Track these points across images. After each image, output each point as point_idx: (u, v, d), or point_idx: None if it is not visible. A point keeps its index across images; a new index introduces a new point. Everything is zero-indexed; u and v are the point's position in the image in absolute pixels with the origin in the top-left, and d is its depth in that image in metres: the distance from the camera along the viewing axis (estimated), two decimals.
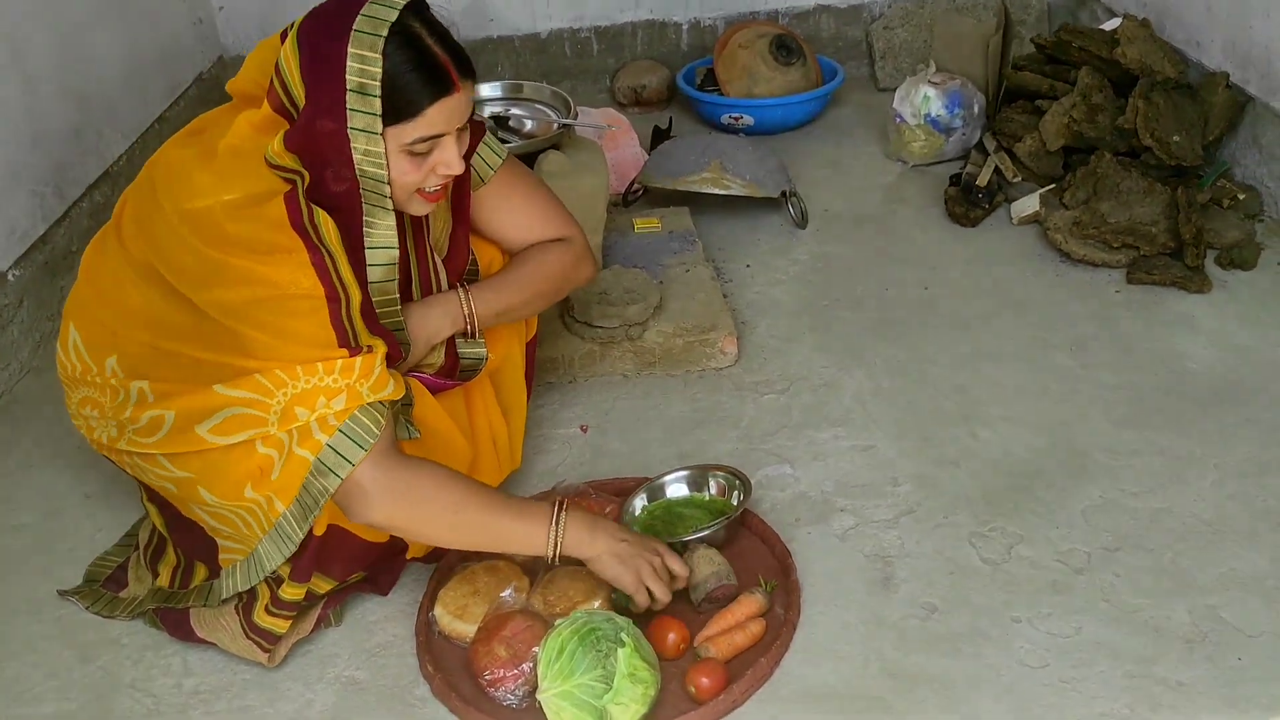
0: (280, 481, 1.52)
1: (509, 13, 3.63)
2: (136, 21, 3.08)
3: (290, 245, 1.45)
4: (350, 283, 1.49)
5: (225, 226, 1.45)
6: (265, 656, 1.63)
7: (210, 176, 1.49)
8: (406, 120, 1.48)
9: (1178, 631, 1.62)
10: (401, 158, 1.51)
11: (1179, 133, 2.59)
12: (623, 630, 1.51)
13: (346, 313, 1.48)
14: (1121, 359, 2.21)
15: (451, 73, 1.48)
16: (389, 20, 1.45)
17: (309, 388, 1.48)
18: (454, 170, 1.55)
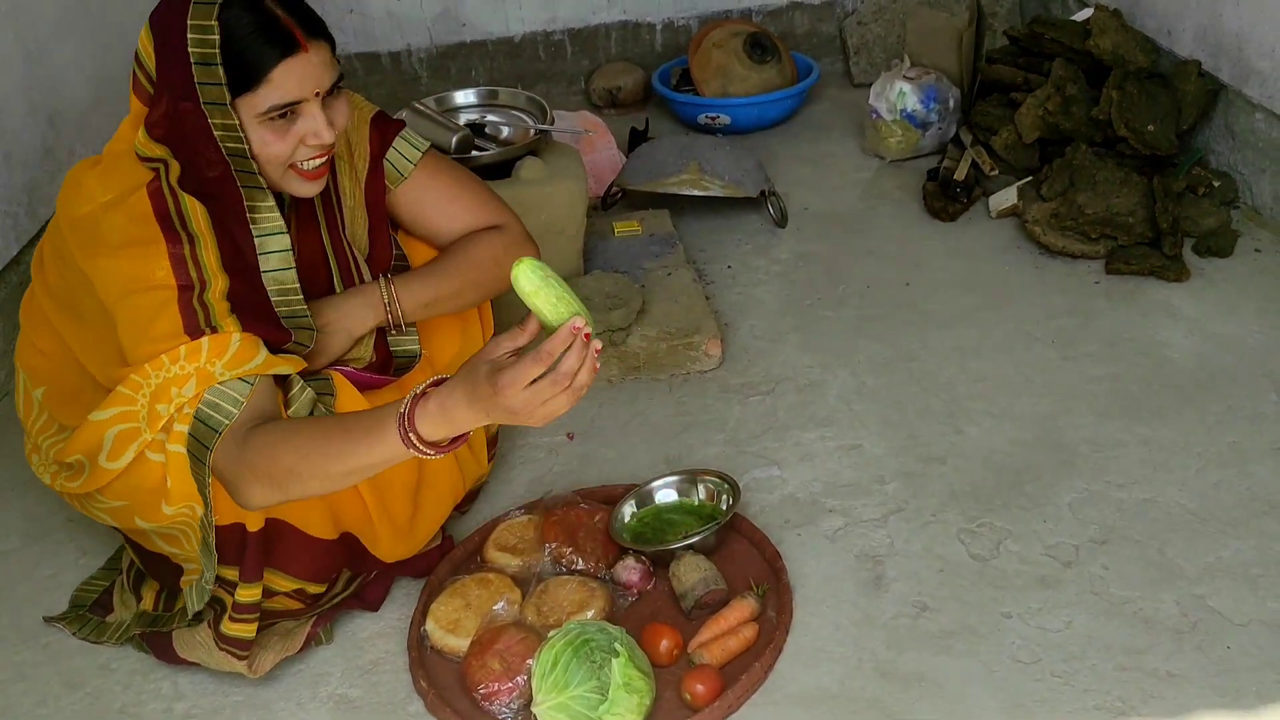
0: (182, 486, 1.48)
1: (481, 17, 3.62)
2: (104, 35, 3.05)
3: (150, 236, 1.42)
4: (213, 269, 1.44)
5: (100, 228, 1.45)
6: (244, 665, 1.60)
7: (93, 181, 1.49)
8: (254, 88, 1.43)
9: (1167, 622, 1.63)
10: (261, 129, 1.46)
11: (1153, 122, 2.60)
12: (616, 640, 1.51)
13: (199, 299, 1.43)
14: (1103, 350, 2.22)
15: (295, 32, 1.43)
16: None
17: (159, 381, 1.43)
18: (324, 139, 1.49)
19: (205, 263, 1.44)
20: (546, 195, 2.29)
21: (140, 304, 1.43)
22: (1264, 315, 2.28)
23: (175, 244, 1.43)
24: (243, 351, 1.44)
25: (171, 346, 1.43)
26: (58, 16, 2.81)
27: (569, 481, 2.00)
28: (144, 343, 1.44)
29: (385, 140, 1.73)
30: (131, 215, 1.44)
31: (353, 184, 1.73)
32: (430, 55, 3.65)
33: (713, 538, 1.75)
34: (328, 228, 1.68)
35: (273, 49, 1.43)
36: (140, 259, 1.43)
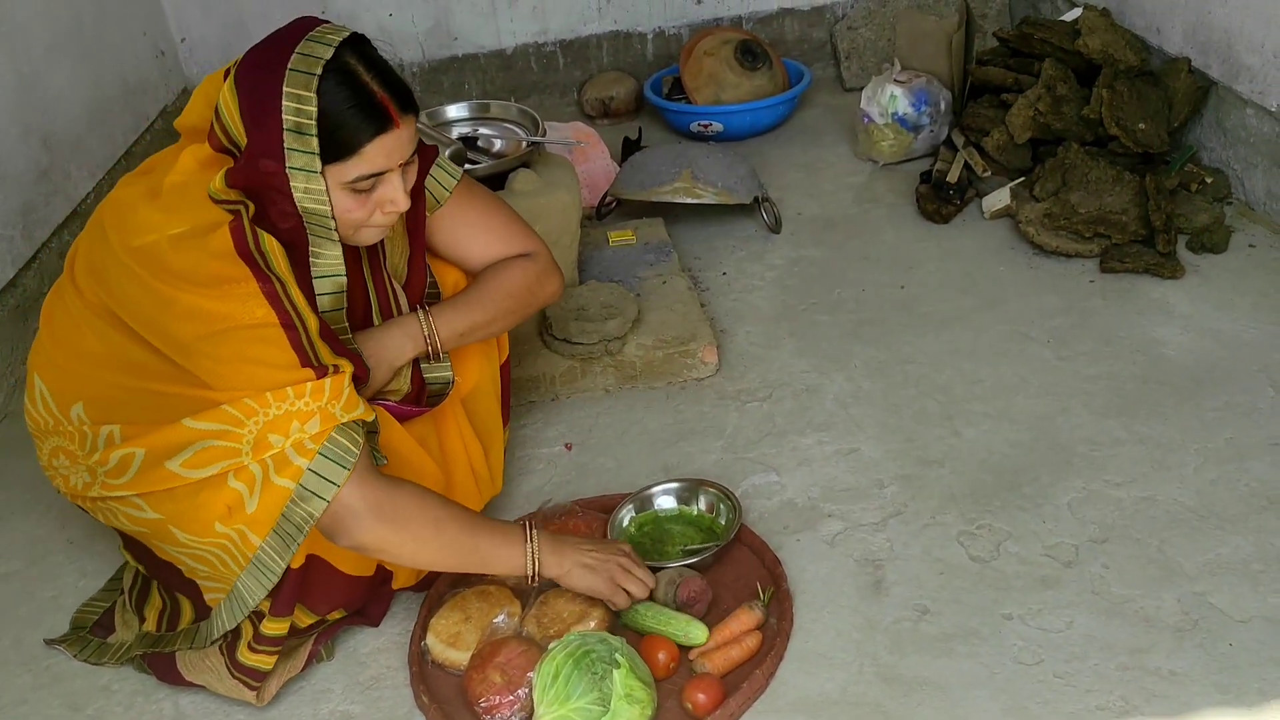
0: (256, 514, 1.49)
1: (472, 30, 3.63)
2: (98, 57, 3.06)
3: (237, 275, 1.43)
4: (304, 308, 1.48)
5: (170, 260, 1.44)
6: (253, 695, 1.62)
7: (155, 212, 1.48)
8: (345, 159, 1.46)
9: (1168, 621, 1.63)
10: (344, 194, 1.50)
11: (1144, 120, 2.60)
12: (617, 651, 1.51)
13: (306, 338, 1.47)
14: (1099, 349, 2.23)
15: (390, 109, 1.46)
16: (324, 58, 1.43)
17: (280, 414, 1.45)
18: (399, 207, 1.53)
19: (297, 301, 1.47)
20: (540, 207, 2.29)
21: (242, 338, 1.44)
22: (1259, 310, 2.29)
23: (266, 281, 1.44)
24: (354, 398, 1.50)
25: (293, 380, 1.45)
26: (51, 39, 2.83)
27: (568, 492, 2.00)
28: (254, 369, 1.45)
29: (424, 168, 1.73)
30: (212, 252, 1.43)
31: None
32: (423, 69, 3.66)
33: (710, 559, 1.75)
34: (369, 258, 1.69)
35: (369, 125, 1.45)
36: (232, 297, 1.43)
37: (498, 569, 1.62)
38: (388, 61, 1.52)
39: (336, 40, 1.46)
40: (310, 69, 1.43)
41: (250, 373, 1.45)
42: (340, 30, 1.49)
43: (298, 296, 1.47)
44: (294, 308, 1.46)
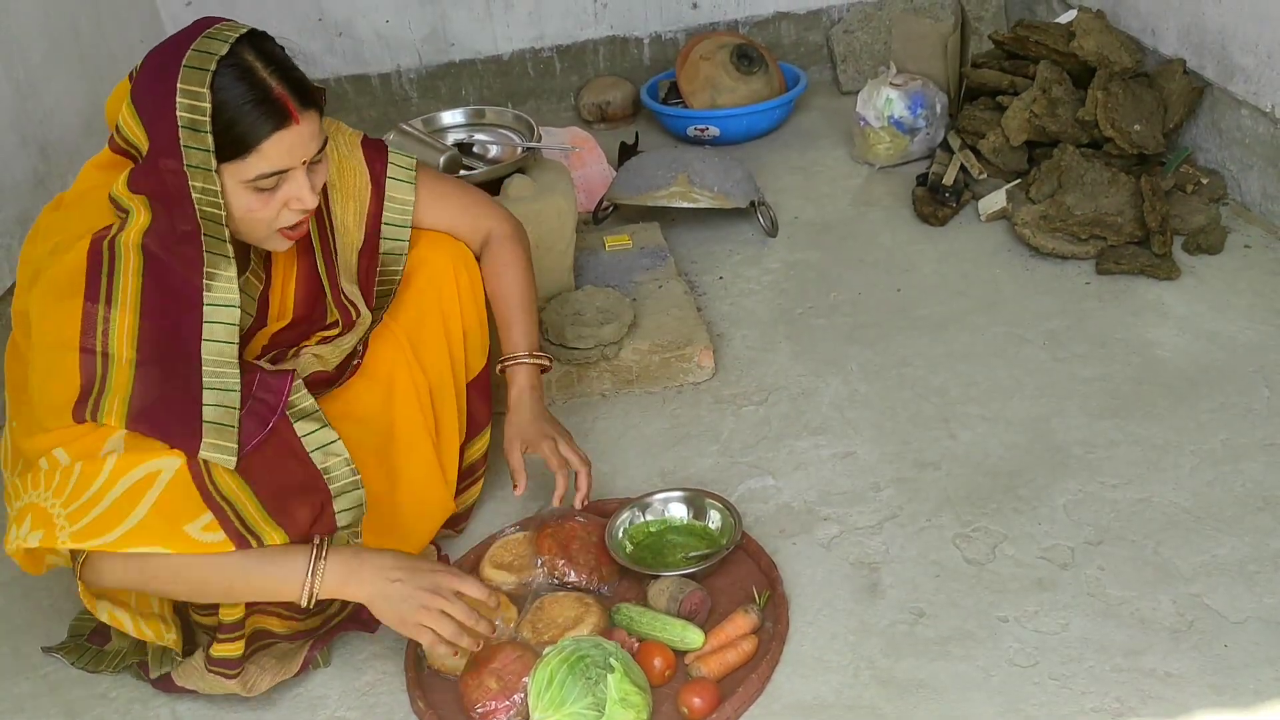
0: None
1: (469, 36, 3.64)
2: (94, 66, 3.07)
3: (74, 289, 1.42)
4: (119, 338, 1.41)
5: (43, 267, 1.45)
6: (236, 684, 1.60)
7: (53, 222, 1.50)
8: (243, 156, 1.44)
9: (1164, 622, 1.63)
10: (246, 193, 1.48)
11: (1139, 121, 2.61)
12: (612, 655, 1.51)
13: (102, 369, 1.40)
14: (1095, 351, 2.23)
15: (289, 104, 1.44)
16: (218, 54, 1.42)
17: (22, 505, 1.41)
18: (306, 204, 1.51)
19: (114, 329, 1.41)
20: (535, 212, 2.29)
21: (48, 360, 1.43)
22: (1255, 311, 2.29)
23: (93, 301, 1.42)
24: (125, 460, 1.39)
25: (62, 425, 1.40)
26: (47, 49, 2.83)
27: (565, 498, 2.00)
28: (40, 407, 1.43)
29: (381, 167, 1.75)
30: (66, 264, 1.44)
31: (344, 209, 1.74)
32: (420, 76, 3.67)
33: (710, 567, 1.75)
34: (323, 257, 1.69)
35: (265, 121, 1.44)
36: (58, 310, 1.42)
37: (273, 597, 1.51)
38: (290, 58, 1.50)
39: (233, 36, 1.44)
40: (204, 65, 1.41)
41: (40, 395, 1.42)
42: (238, 27, 1.47)
43: (121, 322, 1.41)
44: (105, 336, 1.41)
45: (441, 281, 1.82)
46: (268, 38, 1.50)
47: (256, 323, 1.67)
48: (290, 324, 1.69)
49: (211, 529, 1.41)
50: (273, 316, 1.69)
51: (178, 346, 1.46)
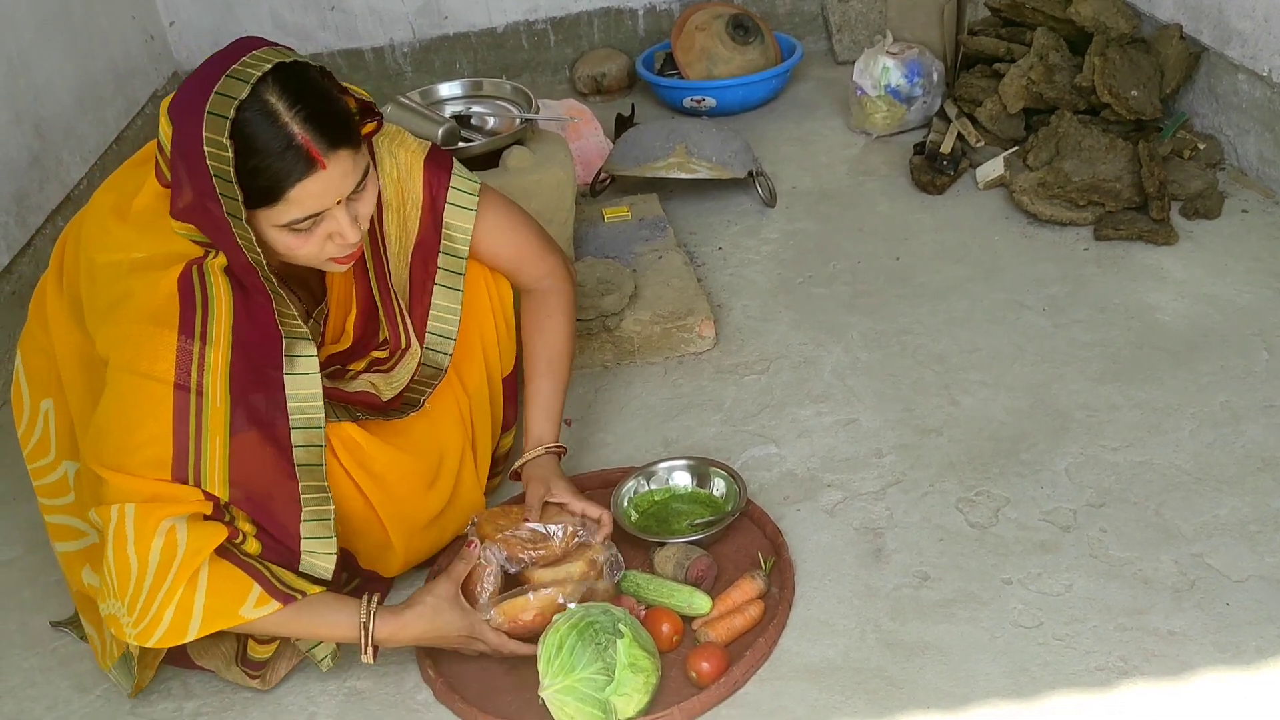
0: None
1: (463, 9, 3.61)
2: (87, 42, 3.05)
3: (167, 320, 1.40)
4: (214, 372, 1.42)
5: (126, 283, 1.43)
6: (258, 684, 1.64)
7: (126, 232, 1.47)
8: (272, 204, 1.40)
9: (1166, 581, 1.64)
10: (284, 234, 1.44)
11: (1136, 87, 2.61)
12: (620, 621, 1.52)
13: (196, 410, 1.40)
14: (1094, 316, 2.23)
15: (312, 151, 1.38)
16: (239, 98, 1.35)
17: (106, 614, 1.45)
18: (349, 239, 1.47)
19: (209, 366, 1.41)
20: (534, 184, 2.29)
21: (133, 385, 1.41)
22: (1252, 275, 2.29)
23: (188, 337, 1.40)
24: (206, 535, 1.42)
25: (157, 477, 1.40)
26: (39, 25, 2.81)
27: (568, 467, 2.00)
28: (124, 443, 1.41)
29: (442, 191, 1.68)
30: (158, 290, 1.41)
31: (399, 232, 1.69)
32: (413, 49, 3.65)
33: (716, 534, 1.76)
34: (377, 278, 1.67)
35: (290, 171, 1.38)
36: (148, 340, 1.41)
37: (339, 638, 1.55)
38: (326, 88, 1.43)
39: (256, 75, 1.36)
40: (224, 111, 1.34)
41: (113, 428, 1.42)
42: (267, 59, 1.39)
43: (215, 363, 1.42)
44: (200, 371, 1.41)
45: (475, 299, 1.78)
46: (303, 68, 1.42)
47: (317, 344, 1.65)
48: (349, 347, 1.69)
49: (263, 602, 1.45)
50: (330, 338, 1.68)
51: (265, 379, 1.47)
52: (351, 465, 1.64)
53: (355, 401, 1.67)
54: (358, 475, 1.65)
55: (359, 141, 1.46)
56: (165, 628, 1.42)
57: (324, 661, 1.60)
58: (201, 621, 1.43)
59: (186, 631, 1.43)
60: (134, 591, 1.41)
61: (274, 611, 1.45)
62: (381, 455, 1.67)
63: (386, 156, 1.66)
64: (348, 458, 1.64)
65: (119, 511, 1.40)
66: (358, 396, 1.66)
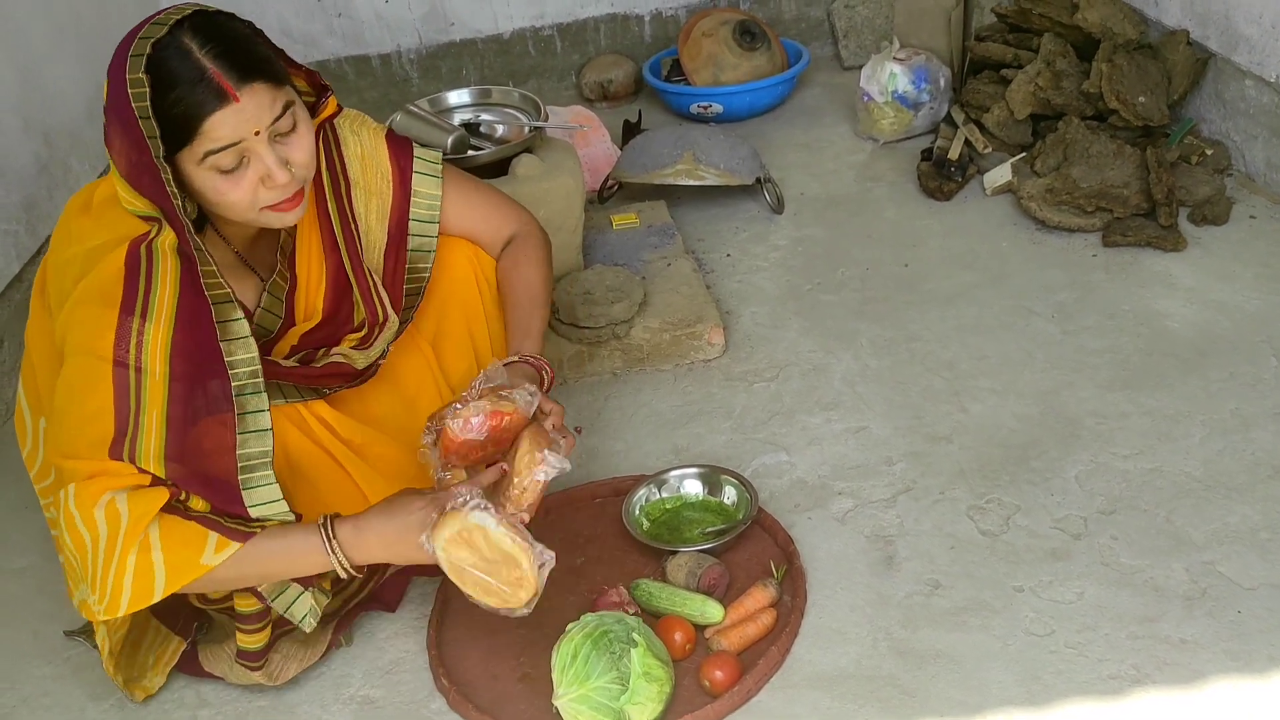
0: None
1: (469, 16, 3.62)
2: (95, 51, 3.05)
3: (111, 299, 1.42)
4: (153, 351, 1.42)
5: (80, 271, 1.45)
6: (260, 675, 1.63)
7: (84, 224, 1.49)
8: (189, 141, 1.41)
9: (1177, 589, 1.64)
10: (213, 180, 1.45)
11: (1144, 93, 2.61)
12: (633, 630, 1.53)
13: (135, 385, 1.42)
14: (1103, 322, 2.24)
15: (224, 83, 1.39)
16: (155, 38, 1.39)
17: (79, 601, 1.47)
18: (277, 179, 1.46)
19: (148, 342, 1.42)
20: (544, 192, 2.30)
21: (78, 365, 1.43)
22: (1261, 281, 2.30)
23: (128, 314, 1.42)
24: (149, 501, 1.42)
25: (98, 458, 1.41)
26: (50, 33, 2.82)
27: (579, 475, 2.01)
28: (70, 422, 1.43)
29: (406, 162, 1.73)
30: (103, 273, 1.43)
31: (371, 205, 1.72)
32: (420, 55, 3.65)
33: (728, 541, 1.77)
34: (349, 254, 1.68)
35: (202, 103, 1.39)
36: (95, 319, 1.42)
37: (313, 566, 1.51)
38: (242, 32, 1.46)
39: (174, 19, 1.41)
40: (142, 50, 1.39)
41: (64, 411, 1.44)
42: (185, 8, 1.44)
43: (155, 336, 1.43)
44: (139, 349, 1.42)
45: (464, 287, 1.80)
46: (218, 14, 1.46)
47: (285, 323, 1.66)
48: (319, 324, 1.68)
49: (223, 546, 1.43)
50: (300, 316, 1.68)
51: (208, 349, 1.47)
52: (329, 442, 1.65)
53: (325, 375, 1.66)
54: (336, 450, 1.65)
55: (279, 80, 1.47)
56: (129, 594, 1.41)
57: (305, 620, 1.56)
58: (165, 579, 1.41)
59: (153, 592, 1.41)
60: (91, 567, 1.42)
61: (236, 552, 1.43)
62: (357, 428, 1.68)
63: (350, 136, 1.72)
64: (324, 435, 1.65)
65: (62, 493, 1.42)
66: (327, 369, 1.66)
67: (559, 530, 1.87)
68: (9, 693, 1.75)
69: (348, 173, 1.71)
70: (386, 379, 1.77)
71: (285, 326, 1.66)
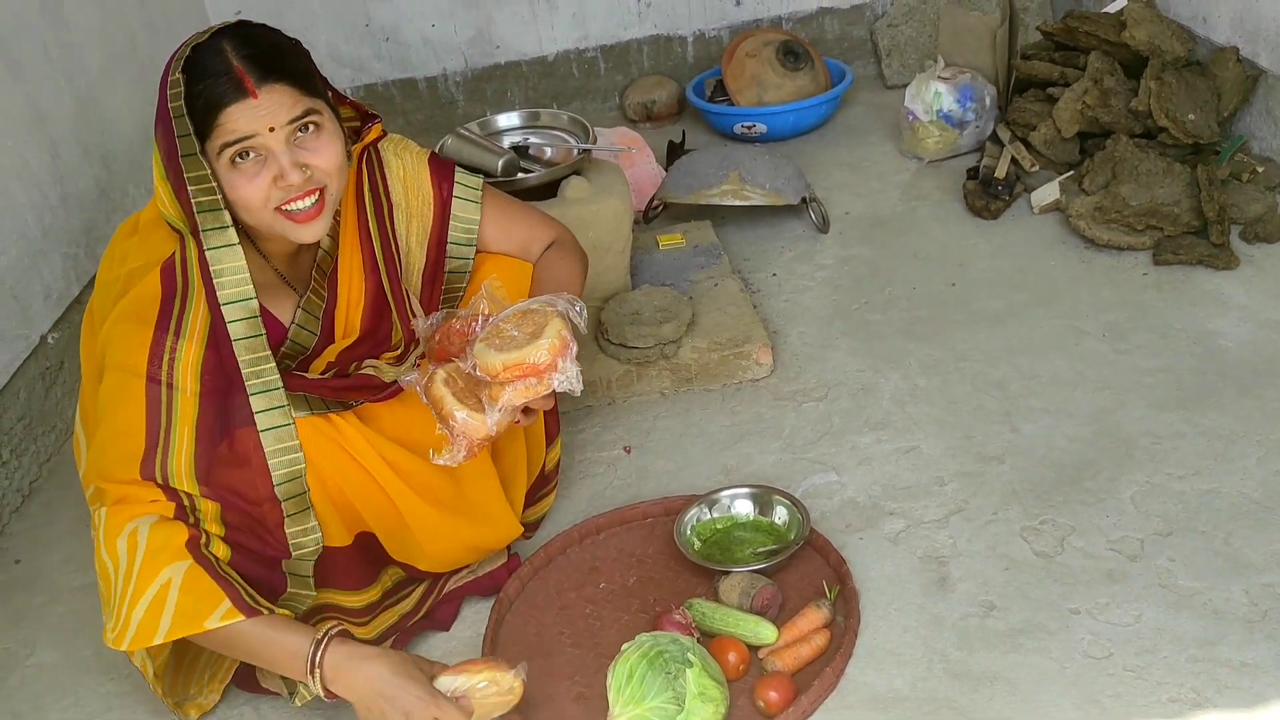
0: None
1: (514, 38, 3.67)
2: (151, 76, 3.10)
3: (147, 317, 1.48)
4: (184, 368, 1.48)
5: (123, 291, 1.51)
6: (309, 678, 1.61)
7: (126, 247, 1.56)
8: (211, 132, 1.48)
9: (1237, 612, 1.63)
10: (230, 174, 1.50)
11: (1193, 110, 2.59)
12: (689, 650, 1.53)
13: (167, 399, 1.48)
14: (1156, 342, 2.22)
15: (245, 80, 1.46)
16: (196, 42, 1.49)
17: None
18: (288, 178, 1.50)
19: (180, 359, 1.48)
20: (593, 214, 2.32)
21: (114, 381, 1.49)
22: None
23: (162, 331, 1.48)
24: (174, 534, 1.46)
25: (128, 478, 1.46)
26: (106, 61, 2.89)
27: (628, 495, 2.03)
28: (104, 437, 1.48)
29: (447, 186, 1.78)
30: (141, 293, 1.50)
31: (408, 229, 1.77)
32: (465, 78, 3.70)
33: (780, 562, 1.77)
34: (389, 275, 1.71)
35: (223, 94, 1.47)
36: (130, 336, 1.48)
37: (282, 668, 1.52)
38: (275, 40, 1.53)
39: (221, 27, 1.51)
40: (183, 54, 1.49)
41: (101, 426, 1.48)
42: (233, 22, 1.54)
43: (187, 357, 1.48)
44: (171, 367, 1.47)
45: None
46: (261, 26, 1.55)
47: (323, 339, 1.69)
48: (356, 341, 1.71)
49: (230, 616, 1.46)
50: (339, 334, 1.71)
51: (230, 365, 1.52)
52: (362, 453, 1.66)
53: (352, 388, 1.68)
54: (368, 461, 1.66)
55: (305, 87, 1.53)
56: (134, 630, 1.45)
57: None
58: (170, 625, 1.44)
59: (155, 633, 1.44)
60: (110, 594, 1.47)
61: (236, 623, 1.45)
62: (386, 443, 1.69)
63: (394, 159, 1.77)
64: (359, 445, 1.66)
65: (96, 516, 1.47)
66: (356, 380, 1.69)
67: (611, 549, 1.88)
68: (73, 708, 1.78)
69: (390, 195, 1.75)
70: (415, 395, 1.78)
71: (324, 343, 1.69)
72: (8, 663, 1.89)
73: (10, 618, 1.99)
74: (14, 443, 2.28)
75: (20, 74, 2.50)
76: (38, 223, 2.47)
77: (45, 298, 2.46)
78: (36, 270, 2.44)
